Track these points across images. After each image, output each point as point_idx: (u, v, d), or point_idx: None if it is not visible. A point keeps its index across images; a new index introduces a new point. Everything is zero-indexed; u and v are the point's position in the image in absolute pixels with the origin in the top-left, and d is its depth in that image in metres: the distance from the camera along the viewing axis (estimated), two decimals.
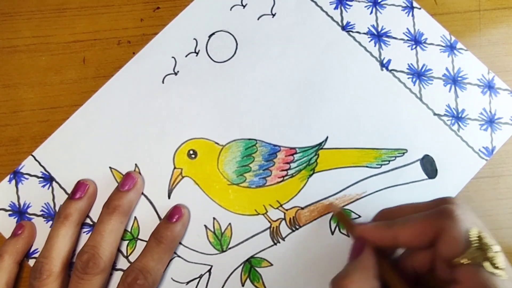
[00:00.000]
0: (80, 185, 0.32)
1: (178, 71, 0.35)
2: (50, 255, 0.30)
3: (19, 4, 0.36)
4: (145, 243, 0.32)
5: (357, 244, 0.28)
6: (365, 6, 0.36)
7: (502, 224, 0.34)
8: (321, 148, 0.34)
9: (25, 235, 0.32)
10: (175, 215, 0.32)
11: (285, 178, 0.33)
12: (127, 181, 0.32)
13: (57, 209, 0.33)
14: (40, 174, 0.33)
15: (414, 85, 0.35)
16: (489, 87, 0.35)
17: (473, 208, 0.33)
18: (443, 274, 0.25)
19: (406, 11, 0.36)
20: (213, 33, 0.35)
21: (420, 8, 0.36)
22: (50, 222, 0.33)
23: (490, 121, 0.34)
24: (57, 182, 0.33)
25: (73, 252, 0.32)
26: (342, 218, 0.31)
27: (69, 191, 0.33)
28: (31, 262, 0.32)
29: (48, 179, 0.33)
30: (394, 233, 0.26)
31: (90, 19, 0.36)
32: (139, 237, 0.33)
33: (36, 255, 0.32)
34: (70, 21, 0.36)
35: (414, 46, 0.35)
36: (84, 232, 0.33)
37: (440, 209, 0.24)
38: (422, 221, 0.25)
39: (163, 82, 0.35)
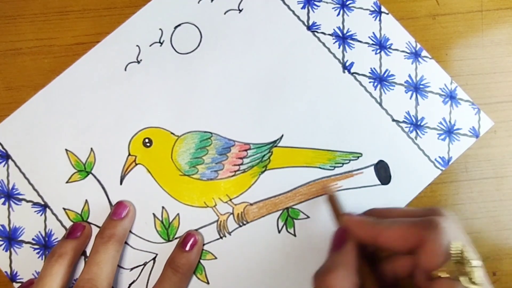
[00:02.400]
0: (77, 225, 0.32)
1: (141, 60, 0.35)
2: None
3: (22, 7, 0.36)
4: (94, 226, 0.33)
5: (339, 234, 0.28)
6: (333, 8, 0.36)
7: (506, 225, 0.34)
8: (275, 146, 0.34)
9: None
10: (189, 242, 0.32)
11: (237, 173, 0.34)
12: (120, 210, 0.32)
13: (10, 186, 0.34)
14: None
15: (375, 89, 0.35)
16: (451, 97, 0.35)
17: (476, 209, 0.34)
18: (422, 283, 0.25)
19: (373, 15, 0.36)
20: (179, 25, 0.36)
21: (388, 13, 0.36)
22: (2, 199, 0.33)
23: (449, 131, 0.34)
24: (13, 160, 0.34)
25: None
26: (333, 203, 0.31)
27: (24, 170, 0.34)
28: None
29: (4, 156, 0.34)
30: (378, 232, 0.26)
31: (92, 22, 0.36)
32: (88, 220, 0.33)
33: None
34: (73, 24, 0.36)
35: (378, 51, 0.35)
36: (35, 212, 0.33)
37: (427, 219, 0.25)
38: (407, 227, 0.25)
39: (125, 69, 0.35)
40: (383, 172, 0.34)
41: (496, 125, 0.35)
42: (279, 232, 0.33)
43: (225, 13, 0.36)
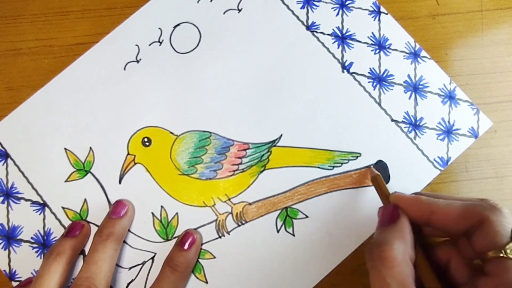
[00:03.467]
0: (76, 224, 0.32)
1: (140, 59, 0.35)
2: None
3: (22, 7, 0.36)
4: (93, 225, 0.33)
5: (390, 210, 0.27)
6: (332, 8, 0.36)
7: None
8: (274, 146, 0.34)
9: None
10: (187, 241, 0.32)
11: (236, 172, 0.34)
12: (119, 208, 0.32)
13: (9, 185, 0.34)
14: None
15: (374, 89, 0.35)
16: (450, 97, 0.35)
17: None
18: (457, 276, 0.25)
19: (372, 15, 0.36)
20: (178, 24, 0.36)
21: (387, 14, 0.36)
22: (1, 198, 0.33)
23: (448, 132, 0.34)
24: (12, 159, 0.34)
25: None
26: (378, 183, 0.31)
27: (23, 169, 0.34)
28: None
29: (3, 155, 0.34)
30: (432, 209, 0.25)
31: (92, 22, 0.36)
32: (87, 219, 0.33)
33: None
34: (73, 24, 0.36)
35: (377, 51, 0.35)
36: (34, 211, 0.33)
37: (489, 203, 0.24)
38: (467, 207, 0.25)
39: (124, 69, 0.35)
40: (382, 172, 0.33)
41: (496, 125, 0.35)
42: (278, 231, 0.33)
43: (224, 13, 0.36)
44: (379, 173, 0.32)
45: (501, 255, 0.23)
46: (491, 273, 0.23)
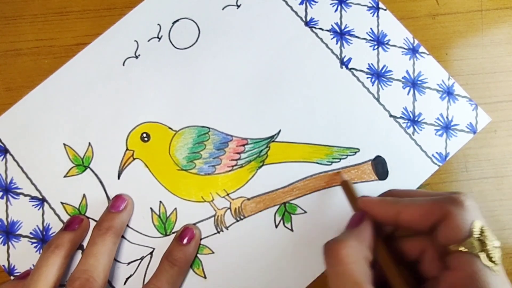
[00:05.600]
0: (75, 218, 0.32)
1: (139, 55, 0.35)
2: (37, 285, 0.28)
3: (22, 8, 0.36)
4: (91, 220, 0.33)
5: (356, 216, 0.27)
6: (331, 4, 0.36)
7: (506, 225, 0.34)
8: (273, 141, 0.34)
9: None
10: (186, 235, 0.32)
11: (234, 168, 0.34)
12: (119, 202, 0.32)
13: (8, 180, 0.34)
14: None
15: (372, 85, 0.35)
16: (448, 93, 0.35)
17: None
18: (429, 268, 0.25)
19: (371, 11, 0.36)
20: (177, 20, 0.36)
21: (385, 10, 0.36)
22: (0, 193, 0.33)
23: (446, 127, 0.34)
24: (11, 155, 0.34)
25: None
26: (347, 188, 0.31)
27: (22, 164, 0.34)
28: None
29: (2, 150, 0.34)
30: (398, 210, 0.25)
31: (92, 22, 0.36)
32: (86, 214, 0.33)
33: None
34: (73, 24, 0.36)
35: (376, 47, 0.35)
36: (33, 206, 0.33)
37: (452, 197, 0.24)
38: (430, 204, 0.25)
39: (123, 64, 0.35)
40: (380, 168, 0.34)
41: (496, 124, 0.35)
42: (276, 227, 0.33)
43: (223, 9, 0.36)
44: (348, 179, 0.32)
45: (460, 249, 0.23)
46: (451, 267, 0.23)
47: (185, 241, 0.31)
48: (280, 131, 0.34)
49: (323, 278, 0.32)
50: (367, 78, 0.35)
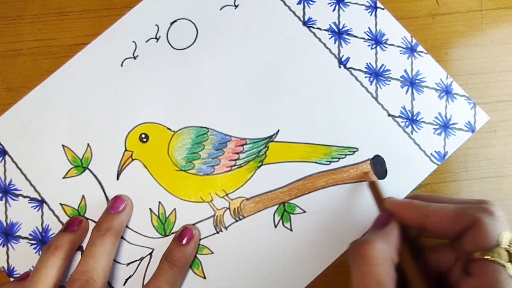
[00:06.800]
0: (74, 219, 0.32)
1: (137, 56, 0.35)
2: (37, 286, 0.28)
3: (22, 8, 0.36)
4: (91, 221, 0.33)
5: (383, 216, 0.27)
6: (328, 3, 0.36)
7: None
8: (272, 141, 0.34)
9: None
10: (185, 236, 0.32)
11: (233, 168, 0.34)
12: (118, 203, 0.32)
13: (7, 182, 0.34)
14: None
15: (371, 84, 0.35)
16: (447, 92, 0.35)
17: None
18: (458, 276, 0.25)
19: (369, 10, 0.36)
20: (175, 21, 0.36)
21: (383, 9, 0.36)
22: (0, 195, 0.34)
23: (445, 126, 0.34)
24: (9, 156, 0.34)
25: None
26: (374, 188, 0.31)
27: (20, 166, 0.34)
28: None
29: (1, 152, 0.34)
30: (426, 213, 0.25)
31: (92, 22, 0.36)
32: (85, 215, 0.33)
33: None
34: (72, 24, 0.36)
35: (374, 46, 0.35)
36: (32, 208, 0.33)
37: (482, 206, 0.25)
38: (460, 210, 0.25)
39: (122, 65, 0.35)
40: (379, 167, 0.34)
41: (496, 124, 0.35)
42: (276, 226, 0.33)
43: (221, 9, 0.36)
44: (376, 179, 0.32)
45: (486, 257, 0.23)
46: (473, 273, 0.23)
47: (184, 241, 0.31)
48: (278, 131, 0.34)
49: (325, 282, 0.32)
50: (365, 77, 0.35)
